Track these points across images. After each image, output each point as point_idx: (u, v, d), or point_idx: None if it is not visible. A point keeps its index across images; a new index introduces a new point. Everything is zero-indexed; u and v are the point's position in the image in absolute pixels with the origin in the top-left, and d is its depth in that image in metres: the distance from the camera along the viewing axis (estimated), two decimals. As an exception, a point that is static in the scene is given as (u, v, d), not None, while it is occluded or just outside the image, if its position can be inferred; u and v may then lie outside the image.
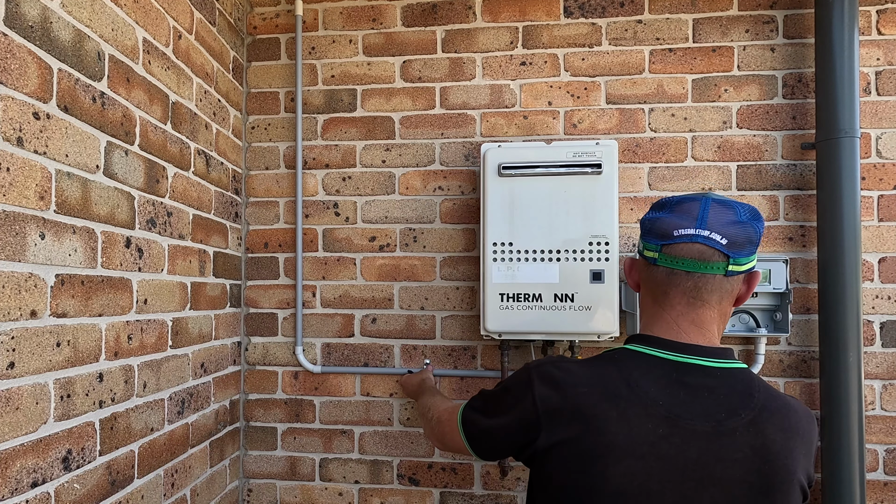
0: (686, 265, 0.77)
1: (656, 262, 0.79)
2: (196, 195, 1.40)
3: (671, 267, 0.78)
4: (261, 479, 1.68)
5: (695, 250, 0.77)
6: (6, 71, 0.81)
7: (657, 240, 0.80)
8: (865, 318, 1.49)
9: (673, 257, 0.78)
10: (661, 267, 0.79)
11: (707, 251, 0.76)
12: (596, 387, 0.75)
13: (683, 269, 0.77)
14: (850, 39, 1.40)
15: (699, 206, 0.79)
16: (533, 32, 1.62)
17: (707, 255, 0.77)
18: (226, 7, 1.58)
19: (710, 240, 0.76)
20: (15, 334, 0.82)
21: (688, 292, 0.78)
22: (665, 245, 0.78)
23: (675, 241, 0.78)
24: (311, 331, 1.67)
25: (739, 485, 0.70)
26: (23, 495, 0.83)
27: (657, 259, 0.79)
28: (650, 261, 0.81)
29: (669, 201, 0.83)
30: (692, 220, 0.78)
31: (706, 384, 0.75)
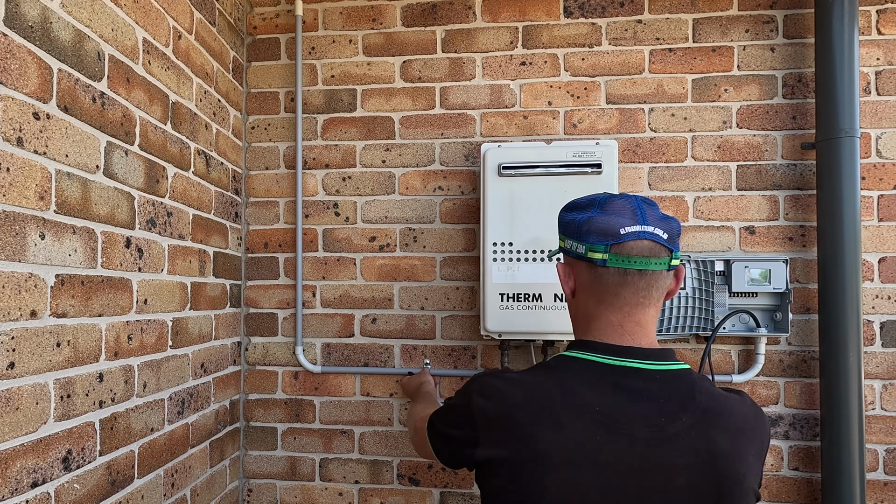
0: (638, 263, 0.74)
1: (605, 264, 0.75)
2: (196, 195, 1.40)
3: (623, 266, 0.75)
4: (261, 479, 1.68)
5: (645, 247, 0.75)
6: (6, 71, 0.81)
7: (602, 239, 0.75)
8: (865, 318, 1.49)
9: (624, 256, 0.74)
10: (612, 268, 0.75)
11: (655, 247, 0.75)
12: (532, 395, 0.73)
13: (636, 268, 0.75)
14: (850, 39, 1.40)
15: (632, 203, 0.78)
16: (533, 32, 1.62)
17: (656, 251, 0.75)
18: (226, 7, 1.58)
19: (655, 235, 0.75)
20: (15, 334, 0.82)
21: (640, 291, 0.76)
22: (614, 244, 0.75)
23: (623, 239, 0.74)
24: (311, 331, 1.67)
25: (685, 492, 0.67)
26: (23, 495, 0.83)
27: (607, 260, 0.75)
28: (598, 262, 0.76)
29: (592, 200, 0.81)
30: (633, 218, 0.75)
31: (646, 388, 0.72)
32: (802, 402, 1.52)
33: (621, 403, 0.71)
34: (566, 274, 0.83)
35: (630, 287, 0.76)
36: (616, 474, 0.68)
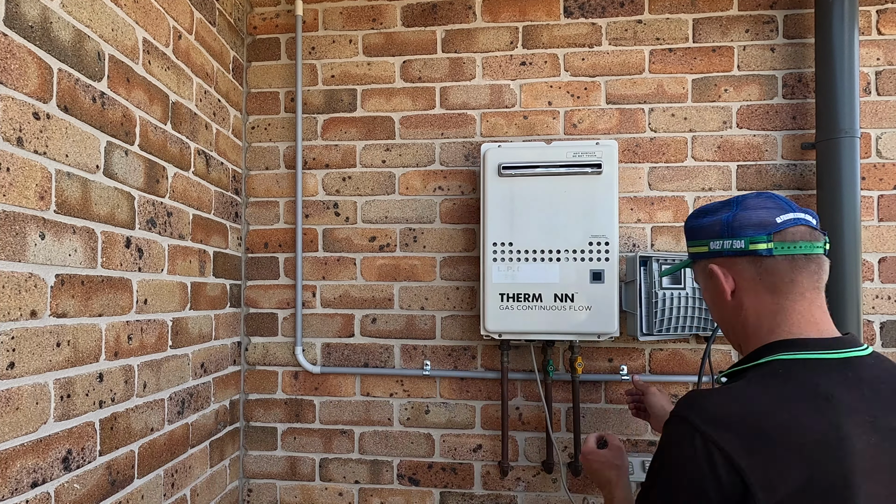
0: (804, 248, 0.72)
1: (773, 253, 0.72)
2: (196, 195, 1.40)
3: (790, 253, 0.72)
4: (261, 479, 1.68)
5: (805, 232, 0.73)
6: (6, 71, 0.81)
7: (761, 230, 0.73)
8: (865, 318, 1.49)
9: (789, 243, 0.72)
10: (779, 257, 0.72)
11: (812, 231, 0.73)
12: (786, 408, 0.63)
13: (802, 253, 0.72)
14: (850, 39, 1.40)
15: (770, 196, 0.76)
16: (533, 32, 1.62)
17: (816, 236, 0.73)
18: (226, 7, 1.58)
19: (809, 221, 0.73)
20: (15, 334, 0.82)
21: (812, 275, 0.73)
22: (775, 232, 0.72)
23: (782, 226, 0.72)
24: (311, 331, 1.67)
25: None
26: (23, 495, 0.83)
27: (773, 248, 0.72)
28: (762, 253, 0.72)
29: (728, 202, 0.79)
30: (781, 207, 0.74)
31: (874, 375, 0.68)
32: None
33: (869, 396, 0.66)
34: (724, 274, 0.77)
35: (803, 272, 0.73)
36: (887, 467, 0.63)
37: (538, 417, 1.57)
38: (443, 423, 1.61)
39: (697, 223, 0.81)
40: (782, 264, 0.72)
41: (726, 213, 0.77)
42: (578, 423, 1.50)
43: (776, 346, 0.71)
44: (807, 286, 0.73)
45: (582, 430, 1.55)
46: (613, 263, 1.38)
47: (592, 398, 1.57)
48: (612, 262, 1.38)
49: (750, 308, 0.76)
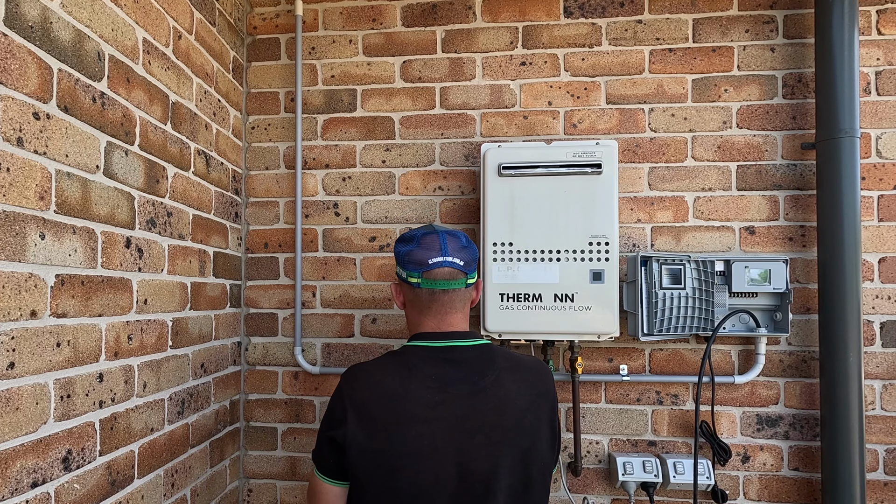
0: (441, 284, 1.01)
1: (420, 286, 1.01)
2: (196, 195, 1.40)
3: (431, 287, 1.01)
4: (261, 479, 1.68)
5: (446, 272, 1.01)
6: (6, 71, 0.81)
7: (417, 268, 1.01)
8: (865, 318, 1.49)
9: (432, 280, 1.01)
10: (424, 289, 1.01)
11: (454, 272, 1.01)
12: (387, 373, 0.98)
13: (440, 288, 1.01)
14: (850, 39, 1.40)
15: (438, 238, 1.03)
16: (533, 32, 1.62)
17: (454, 275, 1.02)
18: (226, 7, 1.58)
19: (454, 263, 1.01)
20: (15, 334, 0.82)
21: (445, 304, 1.02)
22: (425, 271, 1.01)
23: (430, 267, 1.00)
24: (310, 331, 1.67)
25: (493, 428, 0.93)
26: (23, 495, 0.83)
27: (420, 283, 1.01)
28: (414, 285, 1.02)
29: (413, 236, 1.06)
30: (438, 250, 1.02)
31: (464, 357, 0.99)
32: (802, 403, 1.52)
33: (449, 371, 0.97)
34: (397, 292, 1.10)
35: (438, 302, 1.02)
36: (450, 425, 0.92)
37: (538, 417, 1.57)
38: (443, 423, 1.61)
39: (396, 248, 1.08)
40: (425, 294, 1.02)
41: (406, 247, 1.04)
42: (578, 423, 1.50)
43: (412, 338, 1.05)
44: (439, 310, 1.03)
45: (582, 429, 1.55)
46: (613, 263, 1.38)
47: (592, 398, 1.57)
48: (613, 262, 1.38)
49: (409, 316, 1.09)
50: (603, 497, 1.56)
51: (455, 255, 1.02)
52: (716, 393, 1.52)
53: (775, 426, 1.53)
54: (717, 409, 1.54)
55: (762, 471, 1.53)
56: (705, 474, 1.45)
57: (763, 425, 1.53)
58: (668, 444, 1.55)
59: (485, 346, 1.02)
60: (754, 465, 1.53)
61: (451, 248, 1.02)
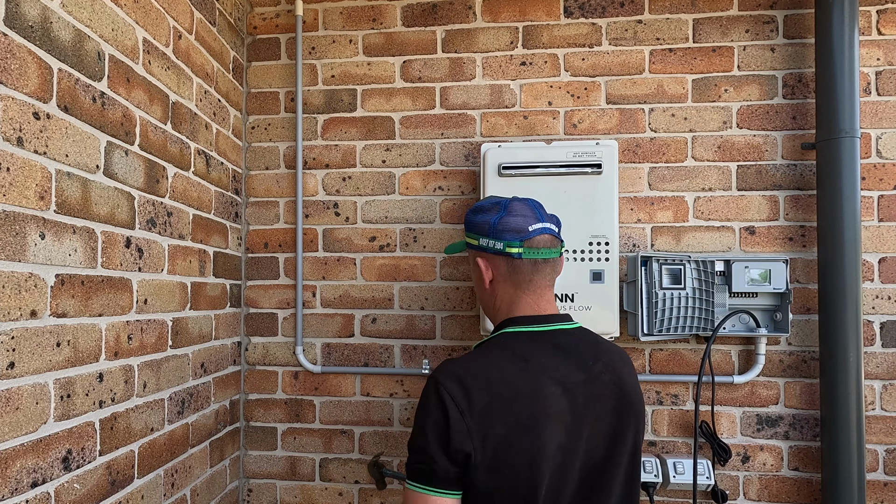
0: (545, 253, 0.93)
1: (521, 256, 0.92)
2: (196, 195, 1.40)
3: (534, 258, 0.92)
4: (261, 479, 1.68)
5: (547, 240, 0.94)
6: (6, 71, 0.81)
7: (517, 236, 0.92)
8: (865, 318, 1.49)
9: (535, 248, 0.92)
10: (526, 260, 0.93)
11: (552, 239, 0.95)
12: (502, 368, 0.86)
13: (542, 258, 0.93)
14: (851, 39, 1.40)
15: (529, 204, 0.96)
16: (533, 32, 1.62)
17: (554, 243, 0.95)
18: (226, 7, 1.58)
19: (551, 230, 0.95)
20: (15, 334, 0.82)
21: (546, 277, 0.95)
22: (526, 239, 0.92)
23: (531, 234, 0.92)
24: (311, 331, 1.67)
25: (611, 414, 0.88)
26: (23, 495, 0.83)
27: (523, 253, 0.92)
28: (515, 255, 0.92)
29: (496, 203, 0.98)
30: (534, 217, 0.94)
31: (570, 342, 0.91)
32: (802, 403, 1.52)
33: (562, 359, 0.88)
34: (486, 267, 0.98)
35: (540, 273, 0.94)
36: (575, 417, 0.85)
37: (538, 417, 1.57)
38: (443, 423, 1.61)
39: (473, 219, 1.00)
40: (527, 265, 0.93)
41: (494, 216, 0.96)
42: (578, 423, 1.50)
43: (506, 323, 0.94)
44: (540, 283, 0.94)
45: (582, 430, 1.55)
46: (614, 263, 1.38)
47: (592, 398, 1.57)
48: (613, 262, 1.38)
49: (500, 296, 0.97)
50: (603, 497, 1.56)
51: (550, 221, 0.95)
52: (716, 393, 1.52)
53: (775, 426, 1.53)
54: (717, 409, 1.54)
55: (762, 471, 1.53)
56: (705, 474, 1.45)
57: (763, 425, 1.53)
58: (668, 444, 1.55)
59: (583, 329, 0.96)
60: (754, 465, 1.53)
61: (544, 215, 0.95)
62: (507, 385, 0.84)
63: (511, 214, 0.94)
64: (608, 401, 0.88)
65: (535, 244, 0.92)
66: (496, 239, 0.94)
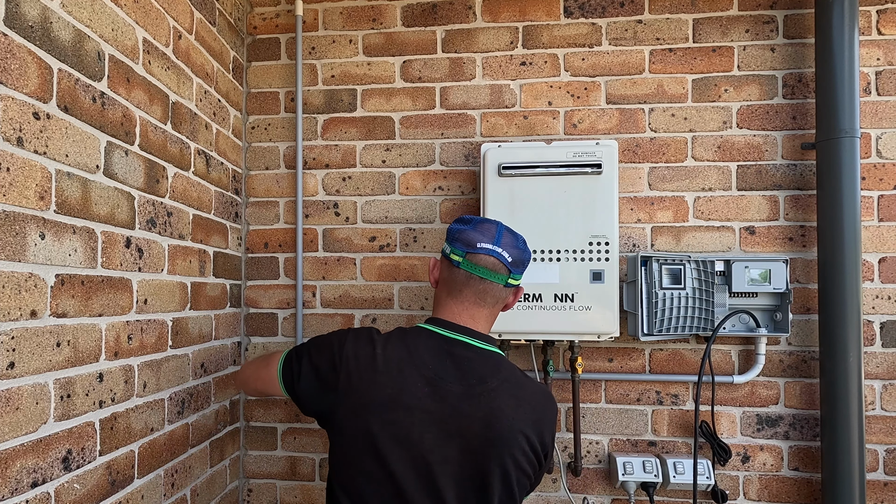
0: (480, 271, 0.97)
1: (459, 266, 0.98)
2: (196, 195, 1.40)
3: (470, 271, 0.97)
4: (261, 479, 1.68)
5: (490, 262, 0.97)
6: (6, 71, 0.81)
7: (463, 247, 0.98)
8: (865, 318, 1.49)
9: (473, 264, 0.97)
10: (462, 270, 0.98)
11: (497, 264, 0.97)
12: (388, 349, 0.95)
13: (478, 275, 0.97)
14: (851, 39, 1.40)
15: (496, 228, 1.01)
16: (533, 32, 1.62)
17: (497, 267, 0.98)
18: (226, 7, 1.58)
19: (502, 256, 0.97)
20: (15, 334, 0.82)
21: (477, 293, 0.99)
22: (469, 253, 0.97)
23: (477, 251, 0.97)
24: (311, 331, 1.67)
25: (475, 437, 0.90)
26: (23, 495, 0.83)
27: (461, 263, 0.98)
28: (454, 263, 0.99)
29: (473, 219, 1.03)
30: (491, 238, 0.98)
31: (466, 356, 0.95)
32: (802, 403, 1.52)
33: (447, 365, 0.94)
34: (433, 266, 1.07)
35: (471, 288, 0.98)
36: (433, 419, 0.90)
37: (538, 417, 1.57)
38: (443, 423, 1.61)
39: (451, 226, 1.05)
40: (461, 276, 0.98)
41: (462, 226, 1.01)
42: (578, 423, 1.50)
43: (427, 320, 1.02)
44: (467, 297, 0.99)
45: (582, 429, 1.55)
46: (614, 263, 1.38)
47: (592, 398, 1.57)
48: (613, 262, 1.38)
49: (436, 295, 1.05)
50: (603, 497, 1.56)
51: (505, 250, 0.98)
52: (716, 393, 1.52)
53: (775, 426, 1.53)
54: (717, 409, 1.54)
55: (762, 471, 1.53)
56: (705, 474, 1.45)
57: (763, 425, 1.53)
58: (668, 444, 1.55)
59: (494, 353, 0.99)
60: (754, 465, 1.53)
61: (504, 242, 0.99)
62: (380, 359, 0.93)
63: (474, 230, 1.00)
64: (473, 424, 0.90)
65: (476, 260, 0.97)
66: (450, 244, 1.01)
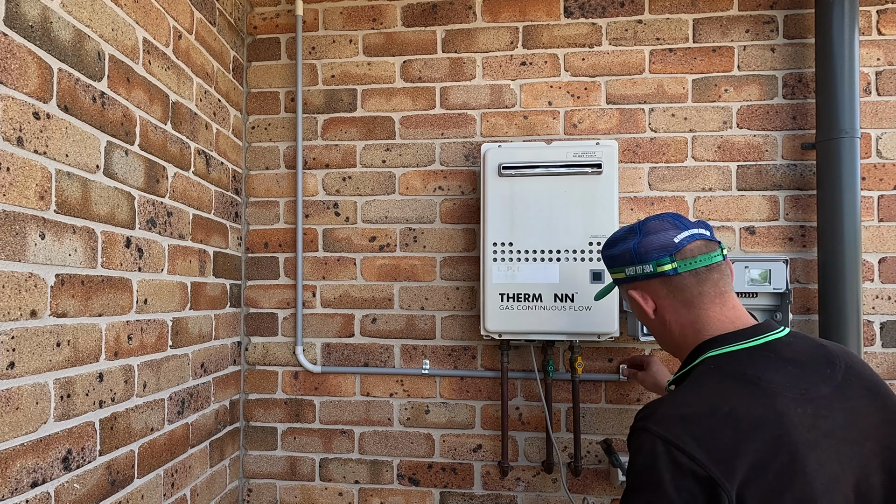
0: (703, 260, 0.81)
1: (677, 271, 0.82)
2: (196, 195, 1.40)
3: (692, 268, 0.81)
4: (261, 479, 1.68)
5: (701, 245, 0.82)
6: (6, 71, 0.81)
7: (664, 252, 0.82)
8: (865, 318, 1.49)
9: (689, 259, 0.81)
10: (684, 273, 0.82)
11: (707, 243, 0.83)
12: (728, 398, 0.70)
13: (703, 265, 0.81)
14: (851, 39, 1.40)
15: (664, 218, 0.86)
16: (533, 32, 1.62)
17: (710, 246, 0.82)
18: (226, 7, 1.58)
19: (701, 234, 0.83)
20: (15, 334, 0.82)
21: (718, 284, 0.81)
22: (676, 251, 0.82)
23: (680, 245, 0.82)
24: (311, 331, 1.67)
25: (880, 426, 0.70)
26: (23, 495, 0.83)
27: (677, 268, 0.82)
28: (670, 273, 0.82)
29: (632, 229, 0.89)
30: (677, 226, 0.84)
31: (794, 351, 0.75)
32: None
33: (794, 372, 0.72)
34: (643, 297, 0.87)
35: (709, 283, 0.81)
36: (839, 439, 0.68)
37: (538, 417, 1.57)
38: (443, 423, 1.61)
39: (610, 253, 0.91)
40: (689, 280, 0.82)
41: (633, 241, 0.86)
42: (578, 423, 1.50)
43: (703, 347, 0.80)
44: (713, 293, 0.82)
45: (582, 430, 1.55)
46: (613, 263, 1.38)
47: (592, 398, 1.57)
48: (612, 262, 1.38)
49: (672, 322, 0.85)
50: (603, 497, 1.56)
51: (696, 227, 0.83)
52: (716, 393, 1.52)
53: (775, 426, 1.52)
54: (717, 409, 1.53)
55: (762, 471, 1.52)
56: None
57: (763, 425, 1.53)
58: (668, 444, 1.55)
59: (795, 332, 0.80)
60: (754, 466, 1.52)
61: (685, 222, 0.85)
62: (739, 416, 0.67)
63: (650, 234, 0.85)
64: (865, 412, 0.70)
65: (687, 254, 0.81)
66: (642, 263, 0.84)
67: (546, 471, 1.56)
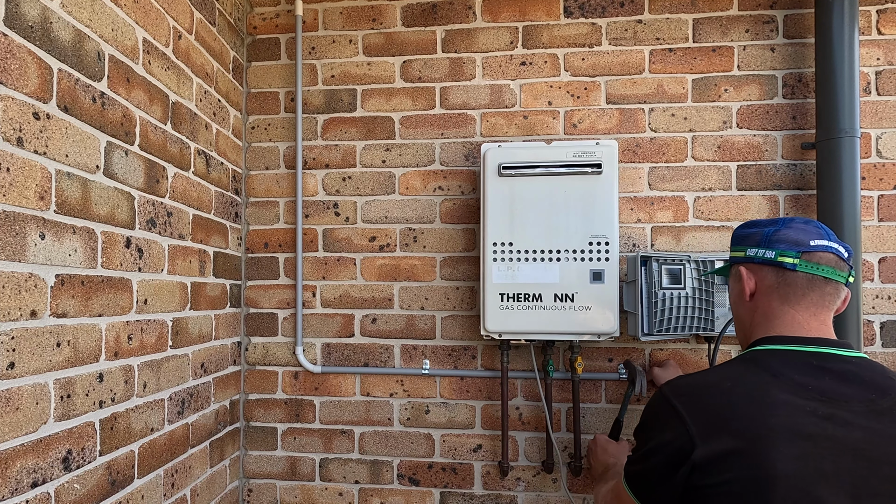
0: (826, 272, 0.82)
1: (795, 268, 0.83)
2: (196, 195, 1.40)
3: (811, 273, 0.82)
4: (261, 479, 1.68)
5: (832, 259, 0.83)
6: (6, 71, 0.81)
7: (793, 247, 0.84)
8: (865, 318, 1.49)
9: (814, 264, 0.82)
10: (800, 272, 0.83)
11: (840, 262, 0.83)
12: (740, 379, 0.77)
13: (822, 276, 0.82)
14: (851, 39, 1.40)
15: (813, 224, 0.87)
16: (533, 32, 1.62)
17: (841, 266, 0.83)
18: (226, 7, 1.58)
19: (840, 252, 0.83)
20: (15, 334, 0.82)
21: (825, 296, 0.83)
22: (804, 252, 0.83)
23: (813, 249, 0.83)
24: (311, 331, 1.67)
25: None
26: (23, 495, 0.83)
27: (797, 265, 0.83)
28: (787, 266, 0.83)
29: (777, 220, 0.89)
30: (819, 233, 0.84)
31: (847, 369, 0.77)
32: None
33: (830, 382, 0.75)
34: (748, 276, 0.89)
35: (816, 292, 0.83)
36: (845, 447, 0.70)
37: (538, 417, 1.58)
38: (443, 423, 1.61)
39: (742, 232, 0.92)
40: (802, 280, 0.83)
41: (770, 228, 0.88)
42: (578, 423, 1.50)
43: (760, 341, 0.84)
44: (816, 302, 0.83)
45: (582, 429, 1.55)
46: (614, 263, 1.38)
47: (592, 398, 1.57)
48: (613, 262, 1.38)
49: (760, 309, 0.87)
50: (603, 497, 1.56)
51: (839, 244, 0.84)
52: (716, 393, 1.52)
53: (775, 426, 1.52)
54: (718, 409, 1.54)
55: (762, 471, 1.52)
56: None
57: (763, 425, 1.53)
58: (668, 444, 1.55)
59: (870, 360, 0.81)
60: (754, 465, 1.52)
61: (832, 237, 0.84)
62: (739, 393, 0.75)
63: (791, 228, 0.86)
64: None
65: (815, 259, 0.82)
66: (767, 248, 0.86)
67: (546, 471, 1.56)
